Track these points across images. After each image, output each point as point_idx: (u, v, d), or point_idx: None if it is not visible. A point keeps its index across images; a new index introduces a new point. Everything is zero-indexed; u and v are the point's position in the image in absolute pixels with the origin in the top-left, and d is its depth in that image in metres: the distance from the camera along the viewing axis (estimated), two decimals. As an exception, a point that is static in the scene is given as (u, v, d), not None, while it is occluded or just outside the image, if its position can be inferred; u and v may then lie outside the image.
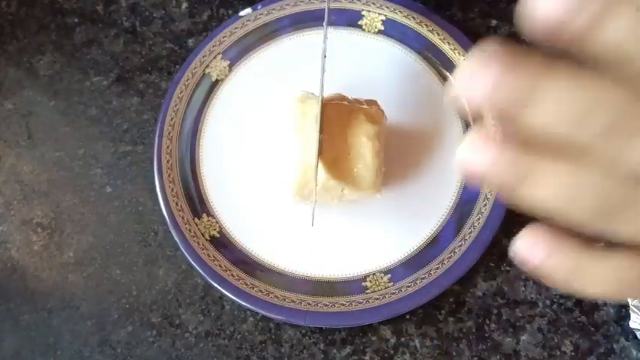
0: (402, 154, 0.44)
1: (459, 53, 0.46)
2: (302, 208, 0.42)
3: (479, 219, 0.41)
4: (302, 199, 0.40)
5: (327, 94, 0.41)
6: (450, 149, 0.44)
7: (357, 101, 0.41)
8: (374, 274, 0.41)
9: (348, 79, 0.44)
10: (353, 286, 0.41)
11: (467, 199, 0.42)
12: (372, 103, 0.41)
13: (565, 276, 0.19)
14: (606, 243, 0.19)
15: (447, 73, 0.46)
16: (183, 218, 0.42)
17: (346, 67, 0.46)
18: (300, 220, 0.42)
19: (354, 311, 0.39)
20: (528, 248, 0.19)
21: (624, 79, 0.17)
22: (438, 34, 0.46)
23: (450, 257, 0.41)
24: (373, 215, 0.43)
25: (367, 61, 0.47)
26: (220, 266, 0.41)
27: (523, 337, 0.40)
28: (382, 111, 0.41)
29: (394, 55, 0.47)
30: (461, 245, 0.41)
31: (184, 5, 0.50)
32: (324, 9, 0.47)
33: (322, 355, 0.40)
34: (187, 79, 0.45)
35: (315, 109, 0.39)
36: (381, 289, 0.40)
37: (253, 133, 0.45)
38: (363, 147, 0.39)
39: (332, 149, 0.39)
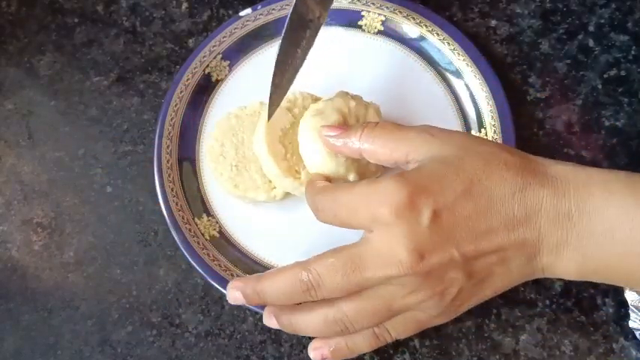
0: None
1: (458, 53, 0.46)
2: (301, 207, 0.43)
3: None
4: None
5: (328, 94, 0.42)
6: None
7: (357, 100, 0.41)
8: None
9: (347, 79, 0.44)
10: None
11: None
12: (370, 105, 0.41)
13: None
14: None
15: (447, 74, 0.46)
16: (183, 218, 0.42)
17: (346, 68, 0.46)
18: (300, 219, 0.43)
19: (353, 311, 0.39)
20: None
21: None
22: (438, 34, 0.46)
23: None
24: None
25: (367, 62, 0.47)
26: (220, 266, 0.41)
27: (522, 337, 0.40)
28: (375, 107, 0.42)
29: (394, 55, 0.47)
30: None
31: (184, 5, 0.50)
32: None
33: (322, 355, 0.40)
34: (187, 79, 0.45)
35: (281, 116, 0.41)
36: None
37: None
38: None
39: None
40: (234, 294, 0.35)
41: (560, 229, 0.31)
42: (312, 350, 0.36)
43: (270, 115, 0.40)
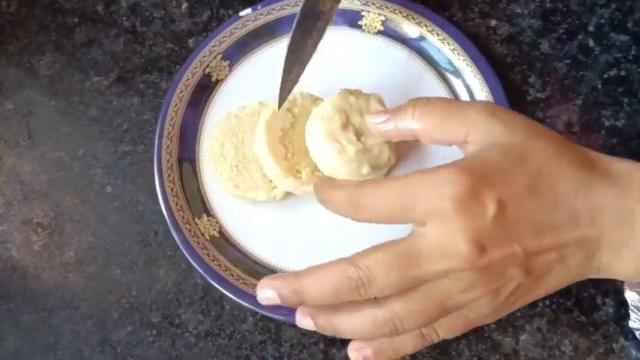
0: (401, 154, 0.44)
1: (458, 53, 0.46)
2: (302, 207, 0.43)
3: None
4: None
5: (328, 94, 0.42)
6: (449, 148, 0.44)
7: (357, 93, 0.41)
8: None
9: (347, 79, 0.44)
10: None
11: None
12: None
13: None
14: None
15: (447, 74, 0.46)
16: (183, 218, 0.42)
17: (346, 68, 0.46)
18: (300, 219, 0.43)
19: (353, 311, 0.39)
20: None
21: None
22: (438, 34, 0.46)
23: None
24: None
25: (367, 62, 0.47)
26: (220, 266, 0.41)
27: (522, 337, 0.40)
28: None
29: (394, 55, 0.47)
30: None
31: (184, 5, 0.50)
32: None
33: (322, 355, 0.40)
34: (187, 79, 0.45)
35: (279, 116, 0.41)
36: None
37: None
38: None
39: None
40: (268, 294, 0.32)
41: (623, 229, 0.31)
42: (354, 350, 0.33)
43: (280, 105, 0.39)
